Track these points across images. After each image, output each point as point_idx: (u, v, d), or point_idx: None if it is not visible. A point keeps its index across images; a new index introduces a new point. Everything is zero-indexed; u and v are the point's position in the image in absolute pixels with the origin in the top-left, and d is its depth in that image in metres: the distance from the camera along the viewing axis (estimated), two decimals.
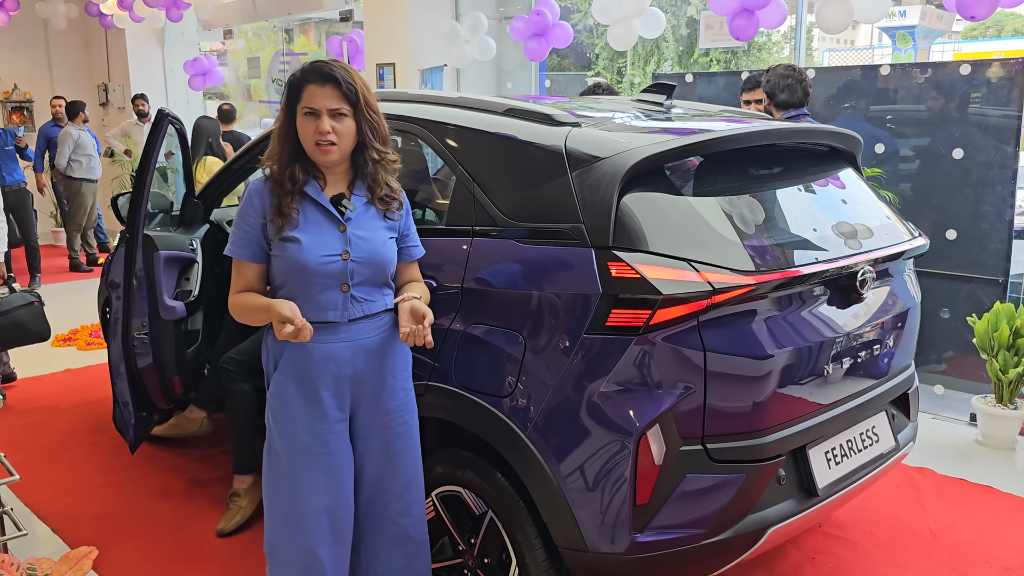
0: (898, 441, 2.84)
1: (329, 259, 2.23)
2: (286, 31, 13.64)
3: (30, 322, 4.57)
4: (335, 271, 2.23)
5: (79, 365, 5.82)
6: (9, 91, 11.14)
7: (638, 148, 2.30)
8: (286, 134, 2.27)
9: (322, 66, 2.21)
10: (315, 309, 2.24)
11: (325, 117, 2.18)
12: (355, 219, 2.28)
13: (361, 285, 2.27)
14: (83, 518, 3.58)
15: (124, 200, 3.81)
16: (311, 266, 2.22)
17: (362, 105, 2.22)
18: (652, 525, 2.21)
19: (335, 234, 2.25)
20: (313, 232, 2.24)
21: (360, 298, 2.28)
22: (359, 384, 2.31)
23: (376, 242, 2.28)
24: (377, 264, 2.28)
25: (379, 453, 2.36)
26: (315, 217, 2.26)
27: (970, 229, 4.79)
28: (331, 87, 2.18)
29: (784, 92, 4.13)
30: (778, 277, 2.27)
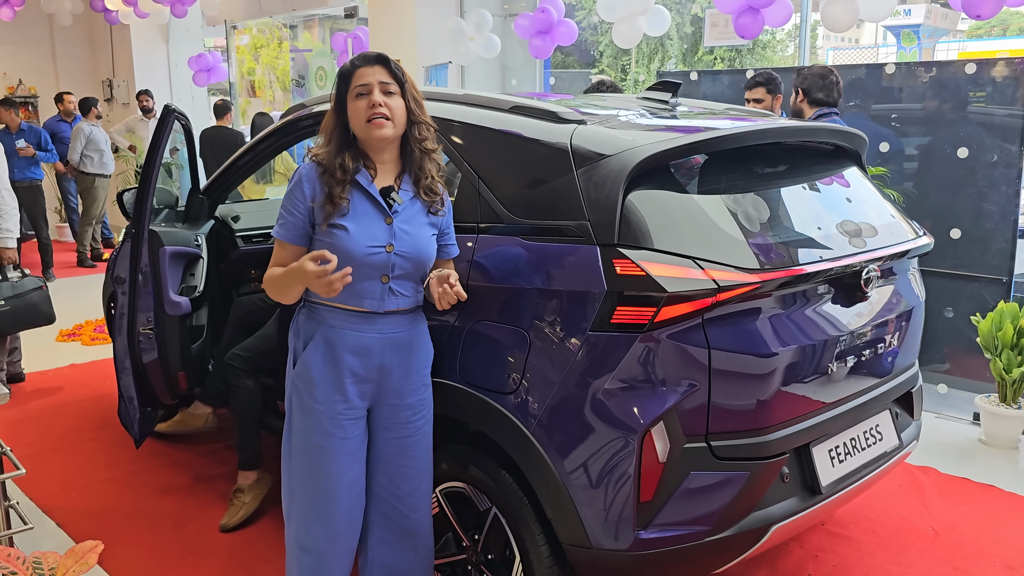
0: (901, 440, 2.84)
1: (374, 250, 2.27)
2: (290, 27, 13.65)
3: (42, 304, 4.87)
4: (378, 262, 2.27)
5: (84, 360, 5.84)
6: (14, 86, 11.16)
7: (643, 146, 2.30)
8: (335, 126, 2.33)
9: (367, 52, 2.34)
10: (353, 296, 2.28)
11: (377, 91, 2.25)
12: (402, 212, 2.32)
13: (400, 279, 2.32)
14: (88, 512, 3.60)
15: (130, 196, 3.82)
16: (357, 255, 2.24)
17: (408, 86, 2.32)
18: (656, 522, 2.21)
19: (382, 226, 2.29)
20: (361, 222, 2.27)
21: (397, 291, 2.32)
22: (385, 377, 2.36)
23: (420, 238, 2.33)
24: (418, 259, 2.32)
25: (395, 446, 2.40)
26: (364, 207, 2.29)
27: (974, 228, 4.79)
28: (380, 66, 2.29)
29: (822, 91, 4.28)
30: (782, 275, 2.27)
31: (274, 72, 14.26)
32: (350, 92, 2.29)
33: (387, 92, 2.27)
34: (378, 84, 2.26)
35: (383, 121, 2.25)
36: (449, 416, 2.57)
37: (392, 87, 2.28)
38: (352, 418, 2.35)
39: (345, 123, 2.31)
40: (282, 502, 2.47)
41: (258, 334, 3.56)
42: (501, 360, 2.39)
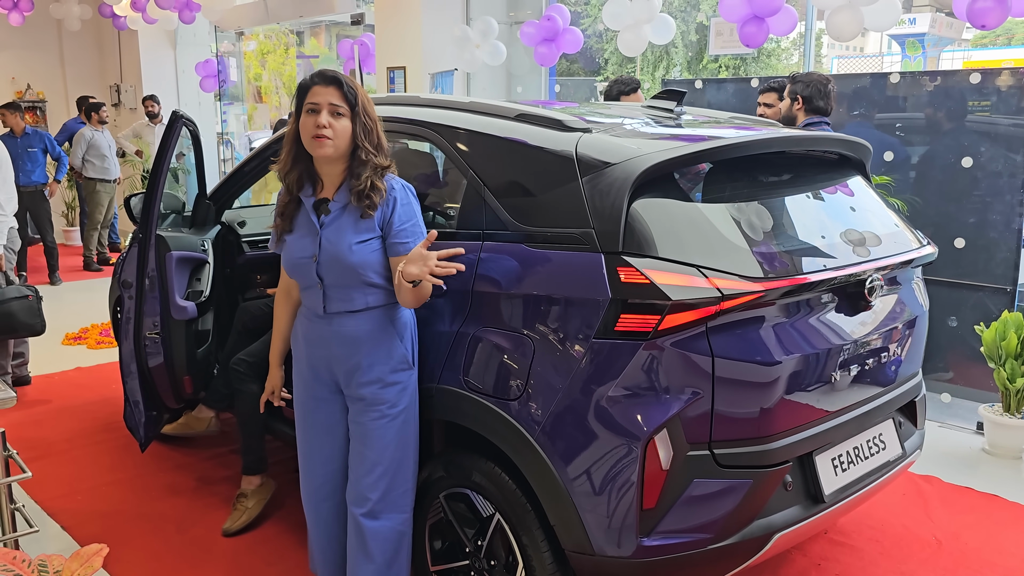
0: (905, 449, 2.84)
1: (302, 260, 2.48)
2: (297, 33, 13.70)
3: (20, 314, 4.68)
4: (307, 271, 2.48)
5: (89, 364, 5.86)
6: (23, 91, 11.22)
7: (648, 154, 2.31)
8: (292, 137, 2.48)
9: (327, 71, 2.43)
10: (306, 298, 2.58)
11: (324, 112, 2.36)
12: (329, 223, 2.46)
13: (335, 285, 2.47)
14: (92, 515, 3.61)
15: (137, 200, 3.84)
16: (289, 266, 2.54)
17: (360, 109, 2.40)
18: (659, 529, 2.22)
19: (311, 237, 2.48)
20: (298, 234, 2.52)
21: (334, 296, 2.48)
22: (334, 365, 2.54)
23: (341, 246, 2.42)
24: (341, 267, 2.43)
25: (355, 433, 2.57)
26: (303, 220, 2.51)
27: (979, 238, 4.79)
28: (333, 88, 2.38)
29: (822, 100, 4.29)
30: (786, 284, 2.28)
31: (280, 78, 14.31)
32: (304, 106, 2.40)
33: (335, 114, 2.37)
34: (327, 105, 2.36)
35: (325, 140, 2.36)
36: (453, 422, 2.58)
37: (341, 109, 2.38)
38: (321, 397, 2.61)
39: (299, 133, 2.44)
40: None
41: (263, 339, 3.57)
42: (505, 366, 2.40)
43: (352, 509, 2.57)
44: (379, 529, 2.54)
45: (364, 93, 2.44)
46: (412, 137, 2.99)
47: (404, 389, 2.52)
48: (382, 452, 2.52)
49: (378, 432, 2.51)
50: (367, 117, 2.42)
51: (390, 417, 2.51)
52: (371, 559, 2.55)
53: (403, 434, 2.54)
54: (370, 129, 2.43)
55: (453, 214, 2.76)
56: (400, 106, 3.03)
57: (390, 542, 2.57)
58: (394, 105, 3.06)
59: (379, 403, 2.50)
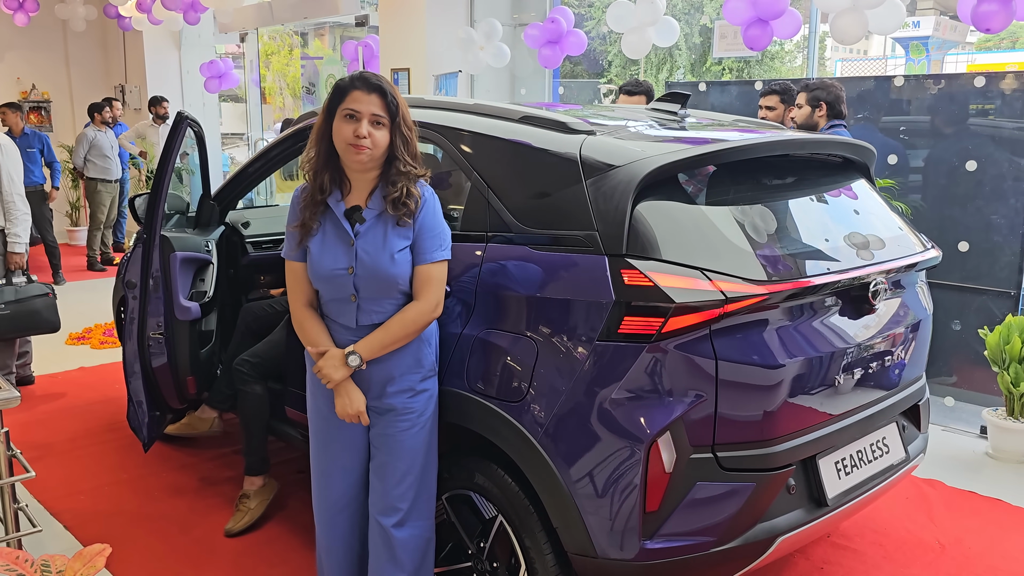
0: (908, 452, 2.84)
1: (336, 272, 2.36)
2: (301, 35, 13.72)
3: (44, 311, 4.84)
4: (342, 284, 2.36)
5: (93, 363, 5.87)
6: (27, 91, 11.24)
7: (652, 157, 2.31)
8: (322, 137, 2.36)
9: (371, 76, 2.32)
10: (334, 311, 2.44)
11: (365, 121, 2.26)
12: (364, 233, 2.35)
13: (369, 298, 2.37)
14: (95, 515, 3.61)
15: (141, 201, 3.85)
16: (320, 277, 2.39)
17: (400, 120, 2.31)
18: (661, 532, 2.22)
19: (344, 247, 2.36)
20: (327, 244, 2.37)
21: (369, 309, 2.38)
22: (365, 381, 2.43)
23: (381, 259, 2.33)
24: (381, 279, 2.34)
25: (381, 444, 2.48)
26: (332, 228, 2.38)
27: (982, 241, 4.79)
28: (376, 96, 2.28)
29: (842, 104, 4.36)
30: (790, 287, 2.28)
31: (284, 79, 14.32)
32: (340, 109, 2.29)
33: (376, 123, 2.28)
34: (369, 115, 2.27)
35: (363, 148, 2.27)
36: (456, 424, 2.58)
37: (382, 119, 2.28)
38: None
39: (331, 134, 2.34)
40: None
41: (266, 340, 3.58)
42: (508, 369, 2.40)
43: (380, 520, 2.48)
44: (408, 538, 2.48)
45: (403, 101, 2.35)
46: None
47: (431, 396, 2.48)
48: (412, 461, 2.46)
49: (409, 441, 2.44)
50: (406, 127, 2.33)
51: (419, 425, 2.45)
52: (402, 568, 2.49)
53: (429, 440, 2.49)
54: (408, 139, 2.34)
55: (457, 216, 2.76)
56: None
57: (419, 550, 2.52)
58: None
59: (408, 412, 2.44)
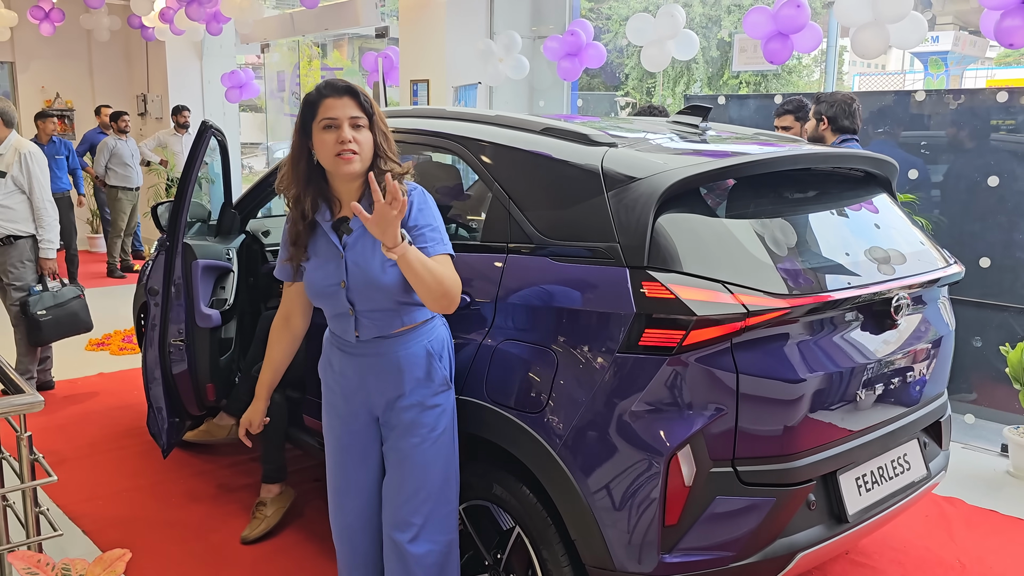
0: (929, 470, 2.81)
1: (330, 287, 2.34)
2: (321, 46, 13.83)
3: (81, 313, 5.11)
4: (337, 299, 2.34)
5: (112, 369, 5.91)
6: (52, 99, 11.39)
7: (674, 169, 2.31)
8: (300, 156, 2.30)
9: (335, 81, 2.27)
10: (338, 326, 2.42)
11: (346, 125, 2.21)
12: (352, 243, 2.30)
13: (368, 310, 2.32)
14: (114, 520, 3.63)
15: (164, 209, 3.89)
16: (316, 294, 2.39)
17: (376, 117, 2.28)
18: (680, 546, 2.21)
19: (336, 262, 2.32)
20: (319, 261, 2.36)
21: (369, 321, 2.33)
22: (369, 396, 2.41)
23: (372, 269, 2.27)
24: (374, 290, 2.28)
25: (394, 460, 2.44)
26: (322, 244, 2.36)
27: (1004, 257, 4.75)
28: (348, 98, 2.23)
29: (848, 118, 4.30)
30: (812, 301, 2.27)
31: (303, 90, 14.43)
32: (316, 122, 2.23)
33: (356, 126, 2.23)
34: (348, 119, 2.21)
35: (351, 156, 2.21)
36: (475, 434, 2.58)
37: (361, 120, 2.24)
38: (356, 430, 2.46)
39: (310, 151, 2.28)
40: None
41: None
42: (528, 379, 2.40)
43: (394, 536, 2.41)
44: (425, 554, 2.41)
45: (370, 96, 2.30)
46: (436, 149, 3.00)
47: (444, 411, 2.41)
48: (423, 477, 2.39)
49: (419, 457, 2.38)
50: (382, 123, 2.30)
51: (431, 441, 2.38)
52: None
53: (445, 454, 2.42)
54: (387, 135, 2.30)
55: (477, 227, 2.77)
56: (425, 119, 3.05)
57: (436, 565, 2.43)
58: (419, 118, 3.08)
59: (419, 427, 2.37)
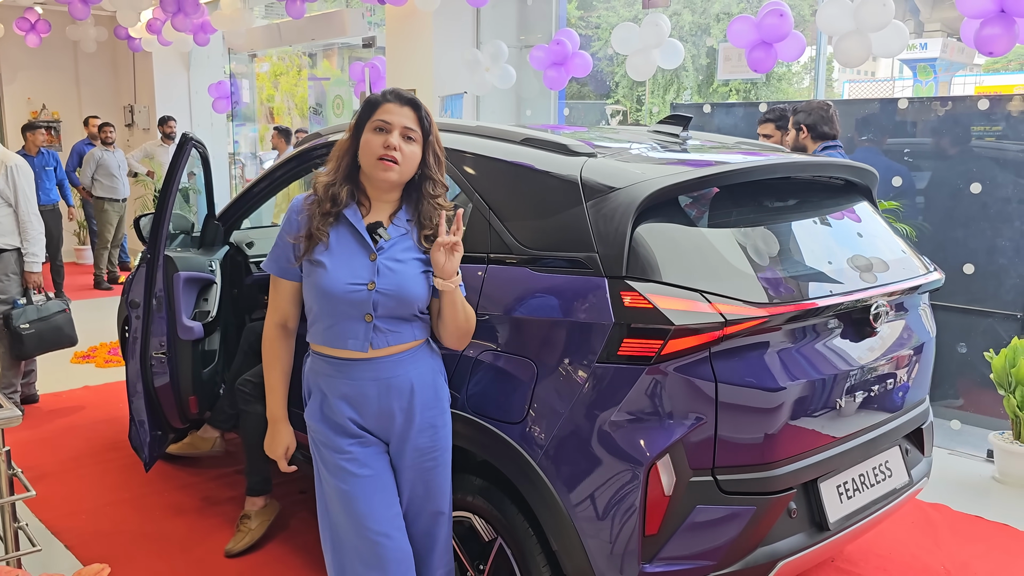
0: (911, 476, 2.82)
1: (354, 287, 2.16)
2: (309, 56, 13.84)
3: (65, 327, 5.05)
4: (358, 300, 2.16)
5: (97, 382, 5.88)
6: (38, 111, 11.36)
7: (653, 179, 2.32)
8: (347, 152, 2.24)
9: (403, 91, 2.23)
10: (336, 338, 2.20)
11: (396, 132, 2.15)
12: (388, 248, 2.20)
13: (386, 317, 2.19)
14: (96, 535, 3.60)
15: (146, 221, 3.87)
16: (335, 293, 2.16)
17: (432, 138, 2.22)
18: (661, 556, 2.20)
19: (364, 262, 2.18)
20: (342, 257, 2.19)
21: (385, 329, 2.19)
22: (386, 421, 2.24)
23: (406, 275, 2.19)
24: (403, 298, 2.18)
25: (410, 487, 2.29)
26: (347, 242, 2.20)
27: (988, 264, 4.77)
28: (409, 109, 2.19)
29: (827, 125, 4.36)
30: (791, 309, 2.28)
31: (293, 99, 14.43)
32: (370, 122, 2.19)
33: (407, 137, 2.17)
34: (400, 127, 2.16)
35: (391, 164, 2.15)
36: (455, 445, 2.57)
37: (414, 134, 2.18)
38: (372, 454, 2.24)
39: (356, 150, 2.23)
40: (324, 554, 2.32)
41: None
42: (509, 390, 2.40)
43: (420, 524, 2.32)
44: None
45: (434, 121, 2.25)
46: None
47: (449, 429, 2.33)
48: (442, 498, 2.32)
49: (439, 478, 2.30)
50: (437, 146, 2.23)
51: (443, 464, 2.31)
52: None
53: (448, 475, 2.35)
54: (439, 157, 2.24)
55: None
56: None
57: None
58: None
59: (435, 448, 2.28)
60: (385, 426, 2.24)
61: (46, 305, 4.97)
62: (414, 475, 2.28)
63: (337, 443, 2.23)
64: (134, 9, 8.67)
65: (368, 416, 2.23)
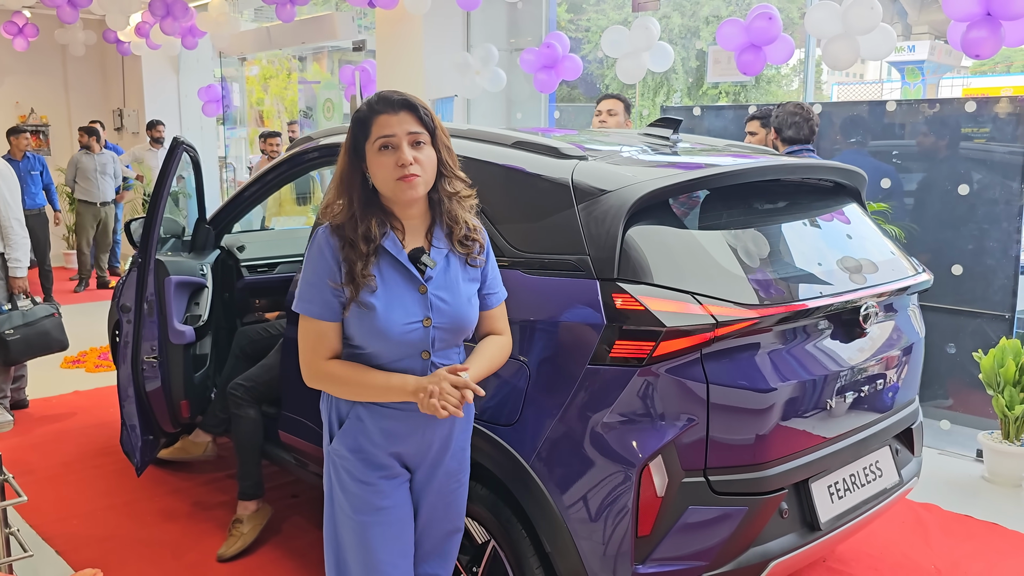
0: (902, 476, 2.84)
1: (410, 327, 1.98)
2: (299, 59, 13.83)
3: (54, 331, 4.97)
4: (416, 339, 1.99)
5: (87, 387, 5.86)
6: (26, 115, 11.31)
7: (644, 182, 2.33)
8: (350, 181, 2.00)
9: (391, 94, 1.99)
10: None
11: (405, 145, 1.94)
12: (436, 277, 2.03)
13: (442, 351, 2.06)
14: (87, 540, 3.59)
15: (137, 225, 3.87)
16: (391, 335, 1.97)
17: (438, 131, 2.01)
18: (654, 557, 2.21)
19: (415, 296, 2.00)
20: (392, 296, 1.99)
21: (439, 363, 2.04)
22: (424, 449, 2.11)
23: (460, 304, 2.04)
24: (459, 328, 2.06)
25: (437, 510, 2.20)
26: (393, 277, 2.00)
27: (976, 264, 4.80)
28: (406, 113, 1.96)
29: (791, 129, 4.32)
30: (781, 311, 2.29)
31: (283, 103, 14.42)
32: (371, 142, 1.96)
33: (416, 143, 1.96)
34: (406, 136, 1.95)
35: (414, 179, 1.94)
36: None
37: (422, 136, 1.96)
38: (396, 486, 2.12)
39: (364, 175, 2.01)
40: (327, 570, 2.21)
41: (261, 364, 3.58)
42: (501, 392, 2.40)
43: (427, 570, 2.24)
44: None
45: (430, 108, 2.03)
46: None
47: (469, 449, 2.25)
48: (460, 517, 2.26)
49: (459, 499, 2.23)
50: (445, 136, 2.02)
51: (464, 483, 2.23)
52: None
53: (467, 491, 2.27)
54: (450, 150, 2.04)
55: None
56: None
57: None
58: None
59: (461, 472, 2.20)
60: (420, 455, 2.12)
61: (32, 310, 4.91)
62: (437, 497, 2.18)
63: (365, 475, 2.08)
64: (123, 13, 8.66)
65: (407, 447, 2.10)
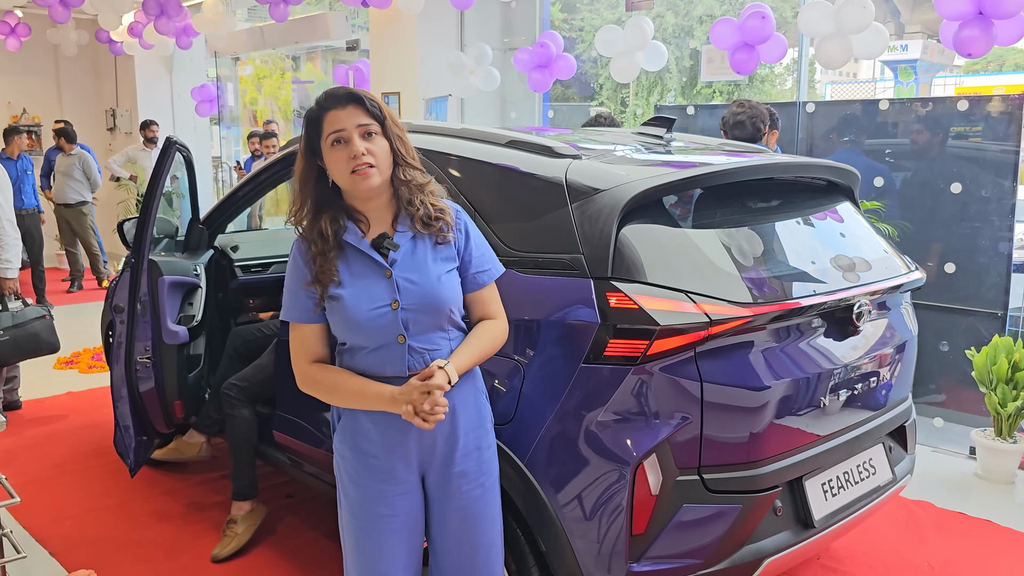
0: (895, 473, 2.84)
1: (378, 311, 2.00)
2: (293, 59, 13.81)
3: (44, 333, 4.86)
4: (386, 323, 2.01)
5: (80, 388, 5.84)
6: (18, 115, 11.27)
7: (637, 181, 2.33)
8: (306, 182, 2.06)
9: (336, 90, 2.03)
10: (375, 364, 2.05)
11: (356, 138, 1.98)
12: (401, 259, 2.04)
13: (419, 334, 2.04)
14: (81, 541, 3.58)
15: (130, 225, 3.86)
16: (360, 321, 2.00)
17: (388, 121, 2.04)
18: (648, 555, 2.22)
19: (382, 282, 2.02)
20: (358, 284, 2.02)
21: (420, 348, 2.03)
22: (426, 444, 2.08)
23: (429, 283, 2.03)
24: (432, 306, 2.03)
25: (456, 519, 2.13)
26: (359, 267, 2.04)
27: (969, 262, 4.82)
28: (353, 106, 2.00)
29: (736, 128, 4.27)
30: (775, 309, 2.29)
31: (276, 102, 14.40)
32: (324, 139, 2.00)
33: (367, 135, 1.99)
34: (356, 128, 1.98)
35: (368, 170, 1.98)
36: None
37: (372, 127, 2.00)
38: (400, 493, 2.08)
39: (322, 173, 2.05)
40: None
41: (255, 364, 3.57)
42: (495, 391, 2.40)
43: None
44: None
45: (381, 99, 2.07)
46: None
47: (494, 451, 2.19)
48: (494, 528, 2.17)
49: (487, 506, 2.15)
50: (397, 127, 2.05)
51: (491, 488, 2.16)
52: None
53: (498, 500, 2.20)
54: (403, 139, 2.06)
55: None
56: None
57: None
58: None
59: (481, 473, 2.13)
60: (426, 455, 2.09)
61: (22, 312, 4.82)
62: (455, 504, 2.11)
63: (365, 479, 2.09)
64: (116, 12, 8.62)
65: (408, 439, 2.07)
